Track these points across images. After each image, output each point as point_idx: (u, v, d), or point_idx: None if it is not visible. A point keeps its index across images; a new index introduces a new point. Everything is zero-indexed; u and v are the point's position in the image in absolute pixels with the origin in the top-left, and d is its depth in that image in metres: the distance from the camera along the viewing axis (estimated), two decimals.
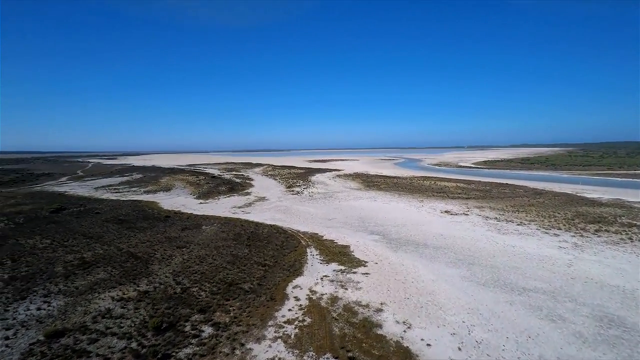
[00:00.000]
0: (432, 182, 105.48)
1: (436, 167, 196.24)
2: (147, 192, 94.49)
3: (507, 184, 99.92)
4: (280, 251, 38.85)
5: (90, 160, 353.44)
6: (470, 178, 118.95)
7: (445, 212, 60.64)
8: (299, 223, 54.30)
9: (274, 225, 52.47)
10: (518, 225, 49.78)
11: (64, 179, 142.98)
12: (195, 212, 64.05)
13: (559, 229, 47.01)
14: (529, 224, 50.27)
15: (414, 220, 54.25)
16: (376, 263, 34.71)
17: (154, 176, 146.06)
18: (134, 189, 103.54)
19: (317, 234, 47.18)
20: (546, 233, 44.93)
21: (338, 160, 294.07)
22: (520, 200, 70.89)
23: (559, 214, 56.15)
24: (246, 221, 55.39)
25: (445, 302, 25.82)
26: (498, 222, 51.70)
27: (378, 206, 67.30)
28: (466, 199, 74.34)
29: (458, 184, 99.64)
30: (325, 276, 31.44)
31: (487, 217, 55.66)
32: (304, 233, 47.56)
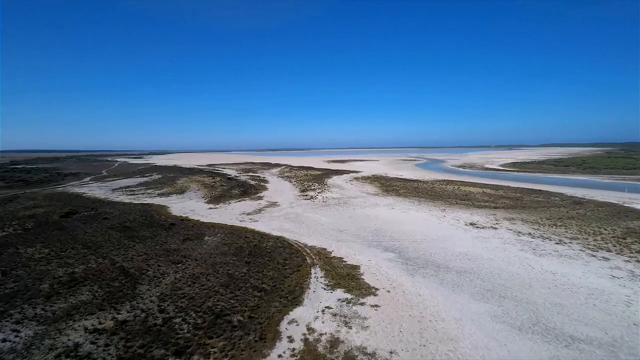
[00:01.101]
0: (456, 187, 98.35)
1: (460, 169, 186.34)
2: (161, 195, 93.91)
3: (540, 190, 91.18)
4: (281, 271, 34.99)
5: (117, 160, 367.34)
6: (498, 183, 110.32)
7: (471, 224, 54.58)
8: (307, 235, 50.32)
9: (280, 237, 48.76)
10: (557, 244, 43.24)
11: (87, 179, 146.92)
12: (202, 219, 61.61)
13: (609, 250, 40.15)
14: (570, 242, 43.58)
15: (435, 235, 48.79)
16: (388, 291, 30.05)
17: (172, 177, 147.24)
18: (149, 190, 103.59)
19: (325, 249, 42.96)
20: (593, 256, 38.31)
21: (358, 160, 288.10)
22: (557, 211, 63.27)
23: (605, 230, 48.78)
24: (252, 231, 52.07)
25: (471, 354, 20.90)
26: (533, 239, 45.30)
27: (395, 216, 62.08)
28: (494, 208, 67.47)
29: (484, 190, 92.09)
30: (328, 307, 27.20)
31: (519, 232, 49.22)
32: (311, 248, 43.48)
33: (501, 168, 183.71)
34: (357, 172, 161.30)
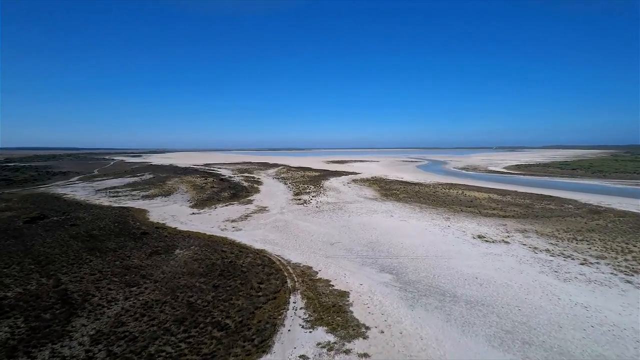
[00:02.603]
0: (460, 192, 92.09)
1: (463, 171, 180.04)
2: (145, 197, 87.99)
3: (550, 196, 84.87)
4: (253, 299, 28.94)
5: (115, 158, 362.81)
6: (504, 187, 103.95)
7: (479, 237, 48.45)
8: (293, 248, 44.29)
9: (261, 250, 42.75)
10: (582, 264, 37.05)
11: (75, 178, 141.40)
12: (180, 227, 55.65)
13: None
14: (597, 262, 37.39)
15: (439, 250, 42.70)
16: (382, 332, 23.97)
17: (163, 177, 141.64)
18: (135, 192, 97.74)
19: (310, 268, 36.89)
20: (628, 282, 32.13)
21: (358, 161, 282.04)
22: (573, 221, 57.03)
23: (635, 246, 42.54)
24: (231, 243, 46.06)
25: None
26: (552, 258, 39.11)
27: (394, 225, 55.97)
28: (503, 217, 61.25)
29: (491, 195, 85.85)
30: (303, 357, 21.16)
31: (535, 247, 43.05)
32: (295, 266, 37.43)
33: (505, 171, 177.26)
34: (356, 173, 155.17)
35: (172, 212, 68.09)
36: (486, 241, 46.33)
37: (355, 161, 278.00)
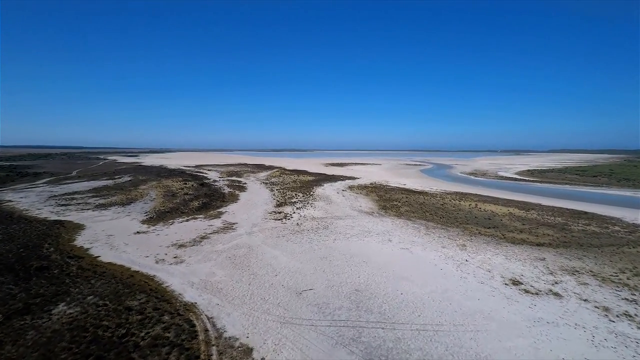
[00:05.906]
0: (473, 204, 77.14)
1: (471, 177, 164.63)
2: (98, 207, 73.89)
3: (585, 212, 69.77)
4: None
5: (109, 158, 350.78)
6: (524, 198, 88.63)
7: (512, 282, 33.69)
8: (240, 301, 29.73)
9: (190, 307, 28.24)
10: None
11: (42, 181, 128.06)
12: (104, 256, 41.39)
13: None
14: None
15: (457, 308, 28.00)
16: None
17: (141, 180, 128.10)
18: (92, 199, 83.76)
19: (250, 351, 22.34)
20: None
21: (359, 163, 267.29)
22: (636, 254, 42.13)
23: None
24: (152, 290, 31.53)
25: None
26: None
27: (392, 256, 41.37)
28: (537, 245, 46.40)
29: (511, 210, 70.91)
30: None
31: (605, 308, 28.24)
32: (227, 346, 22.83)
33: (518, 177, 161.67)
34: (354, 178, 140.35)
35: (113, 230, 53.80)
36: (526, 291, 31.54)
37: (355, 164, 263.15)
